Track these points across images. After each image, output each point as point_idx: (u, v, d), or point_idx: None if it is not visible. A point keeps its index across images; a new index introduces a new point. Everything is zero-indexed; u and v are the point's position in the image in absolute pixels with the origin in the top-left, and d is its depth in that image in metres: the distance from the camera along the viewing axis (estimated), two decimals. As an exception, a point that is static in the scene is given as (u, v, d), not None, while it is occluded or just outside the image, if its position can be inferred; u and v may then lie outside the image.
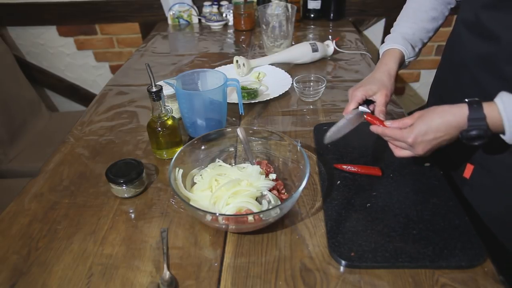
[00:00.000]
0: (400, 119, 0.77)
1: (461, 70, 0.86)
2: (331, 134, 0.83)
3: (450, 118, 0.70)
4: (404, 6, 0.97)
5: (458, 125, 0.70)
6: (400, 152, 0.78)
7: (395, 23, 0.97)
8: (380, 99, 0.84)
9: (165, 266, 0.67)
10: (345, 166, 0.86)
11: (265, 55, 1.43)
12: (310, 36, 1.74)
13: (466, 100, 0.69)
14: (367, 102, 0.86)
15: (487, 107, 0.67)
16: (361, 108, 0.84)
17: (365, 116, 0.83)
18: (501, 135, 0.68)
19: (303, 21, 1.90)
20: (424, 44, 0.95)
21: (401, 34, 0.92)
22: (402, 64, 0.92)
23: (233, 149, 0.92)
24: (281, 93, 1.17)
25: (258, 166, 0.82)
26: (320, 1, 1.85)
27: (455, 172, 0.92)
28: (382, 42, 0.97)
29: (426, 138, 0.72)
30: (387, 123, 0.78)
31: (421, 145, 0.73)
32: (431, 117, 0.71)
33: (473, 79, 0.82)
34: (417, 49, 0.93)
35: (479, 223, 0.86)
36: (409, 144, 0.73)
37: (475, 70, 0.81)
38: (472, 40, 0.82)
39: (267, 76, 1.32)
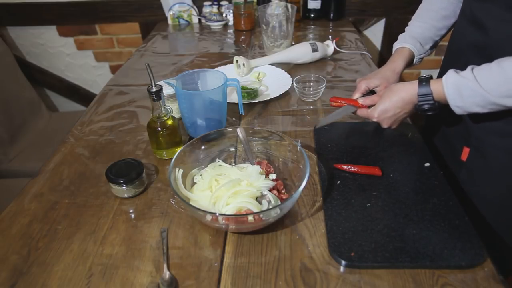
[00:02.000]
0: (370, 96, 0.91)
1: (460, 59, 0.90)
2: (324, 120, 1.00)
3: (404, 94, 0.82)
4: (419, 6, 1.04)
5: (410, 100, 0.81)
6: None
7: (409, 22, 1.04)
8: (380, 90, 0.95)
9: (165, 266, 0.67)
10: (345, 166, 0.86)
11: (265, 55, 1.43)
12: (310, 36, 1.74)
13: (419, 77, 0.79)
14: (373, 93, 0.97)
15: (433, 84, 0.77)
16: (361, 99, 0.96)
17: (338, 102, 0.97)
18: None
19: (303, 21, 1.90)
20: (435, 42, 1.02)
21: (410, 33, 1.01)
22: (411, 61, 1.01)
23: (233, 149, 0.92)
24: (281, 93, 1.17)
25: (258, 166, 0.82)
26: (320, 1, 1.85)
27: (453, 155, 0.96)
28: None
29: (387, 115, 0.85)
30: (360, 100, 0.92)
31: (385, 120, 0.87)
32: (389, 96, 0.84)
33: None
34: (427, 47, 1.01)
35: (477, 215, 0.88)
36: (376, 121, 0.88)
37: (471, 58, 0.85)
38: (469, 30, 0.86)
39: (267, 76, 1.32)
